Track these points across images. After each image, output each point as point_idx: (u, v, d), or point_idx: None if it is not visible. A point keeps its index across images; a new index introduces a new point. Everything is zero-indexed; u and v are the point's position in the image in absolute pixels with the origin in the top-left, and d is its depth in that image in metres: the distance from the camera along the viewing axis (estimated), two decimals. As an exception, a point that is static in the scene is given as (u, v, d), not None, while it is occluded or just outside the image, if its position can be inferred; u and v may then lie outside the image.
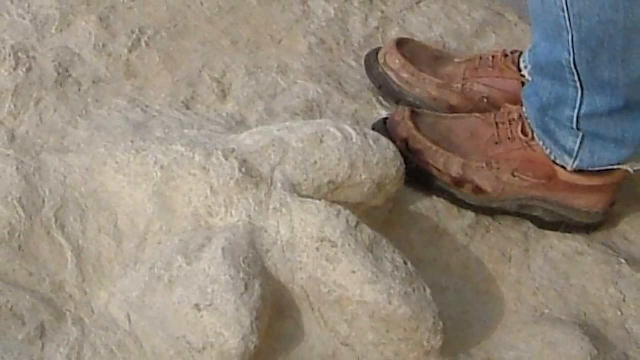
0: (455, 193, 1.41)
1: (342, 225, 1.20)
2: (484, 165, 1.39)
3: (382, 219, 1.35)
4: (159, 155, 1.25)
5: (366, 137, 1.30)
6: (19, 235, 1.21)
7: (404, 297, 1.17)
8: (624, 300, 1.35)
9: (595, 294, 1.36)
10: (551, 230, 1.42)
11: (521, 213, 1.42)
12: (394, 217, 1.37)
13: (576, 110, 1.30)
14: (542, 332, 1.27)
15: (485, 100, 1.49)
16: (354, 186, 1.28)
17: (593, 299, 1.35)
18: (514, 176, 1.39)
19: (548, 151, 1.37)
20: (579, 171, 1.37)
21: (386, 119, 1.46)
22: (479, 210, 1.42)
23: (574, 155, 1.34)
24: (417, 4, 1.75)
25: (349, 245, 1.18)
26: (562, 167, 1.37)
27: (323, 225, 1.19)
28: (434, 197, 1.42)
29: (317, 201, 1.22)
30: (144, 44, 1.56)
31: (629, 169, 1.36)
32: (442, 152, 1.40)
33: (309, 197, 1.24)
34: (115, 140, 1.32)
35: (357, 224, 1.21)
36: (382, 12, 1.72)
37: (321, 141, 1.27)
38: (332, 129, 1.29)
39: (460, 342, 1.26)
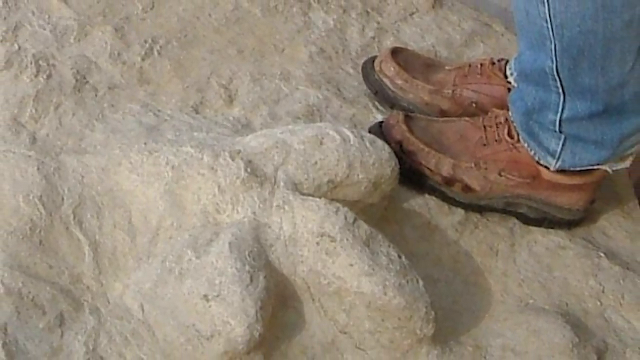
0: (446, 191, 1.41)
1: (340, 221, 1.20)
2: (473, 165, 1.39)
3: (377, 215, 1.35)
4: (170, 156, 1.25)
5: (363, 140, 1.29)
6: (40, 231, 1.21)
7: (398, 288, 1.17)
8: (603, 291, 1.35)
9: (576, 285, 1.36)
10: (535, 226, 1.42)
11: (507, 210, 1.42)
12: (389, 213, 1.37)
13: (558, 115, 1.30)
14: (526, 321, 1.27)
15: (474, 105, 1.49)
16: (351, 185, 1.28)
17: (574, 290, 1.35)
18: (501, 176, 1.39)
19: (532, 152, 1.37)
20: (561, 171, 1.37)
21: (381, 122, 1.46)
22: (468, 207, 1.42)
23: (557, 156, 1.34)
24: (411, 15, 1.75)
25: (347, 240, 1.18)
26: (546, 167, 1.37)
27: (323, 222, 1.19)
28: (426, 195, 1.42)
29: (317, 199, 1.22)
30: (156, 53, 1.56)
31: (608, 169, 1.36)
32: (434, 153, 1.40)
33: (309, 195, 1.24)
34: (130, 142, 1.32)
35: (355, 220, 1.21)
36: (378, 23, 1.72)
37: (321, 143, 1.27)
38: (331, 132, 1.29)
39: (450, 330, 1.26)
